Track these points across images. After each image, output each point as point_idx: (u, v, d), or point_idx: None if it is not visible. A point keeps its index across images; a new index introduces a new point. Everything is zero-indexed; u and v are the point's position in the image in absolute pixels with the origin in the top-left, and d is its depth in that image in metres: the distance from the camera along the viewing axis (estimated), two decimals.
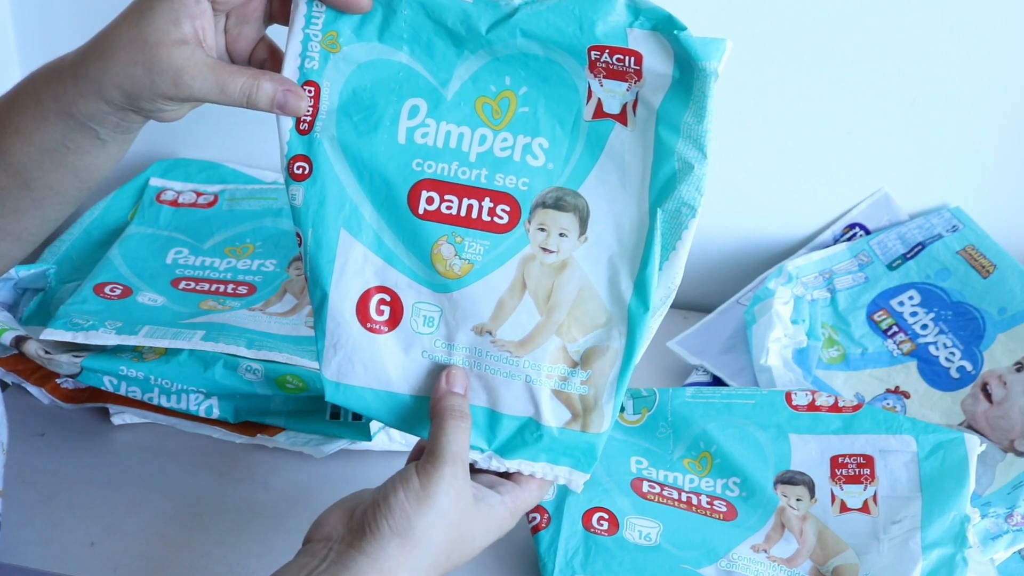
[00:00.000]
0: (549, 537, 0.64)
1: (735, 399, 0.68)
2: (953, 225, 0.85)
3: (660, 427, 0.69)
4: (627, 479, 0.67)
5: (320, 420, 0.72)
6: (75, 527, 0.67)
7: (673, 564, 0.63)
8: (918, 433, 0.66)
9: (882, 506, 0.65)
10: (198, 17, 0.52)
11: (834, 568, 0.64)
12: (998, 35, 0.81)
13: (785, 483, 0.67)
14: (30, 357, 0.72)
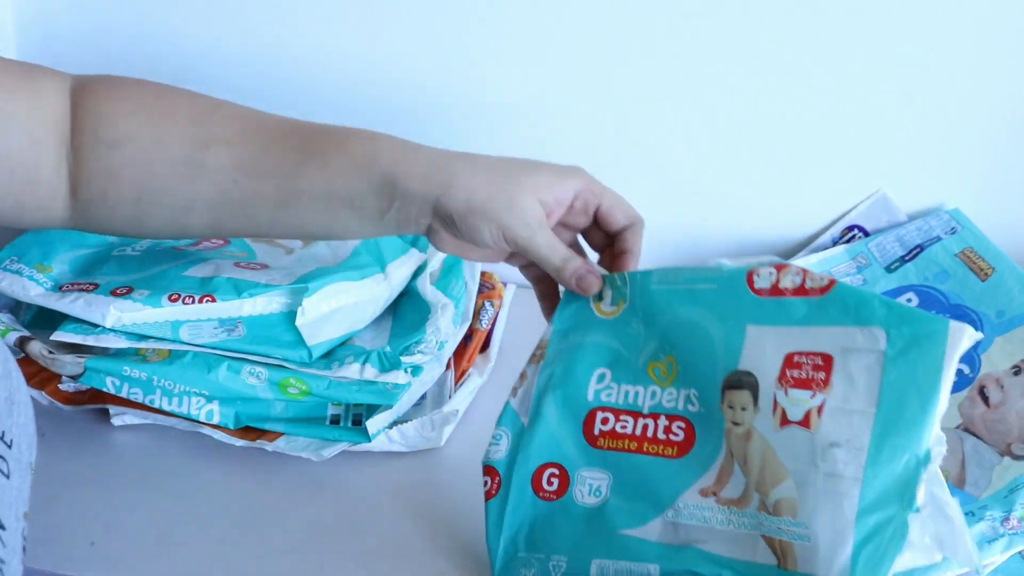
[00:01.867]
0: (497, 508, 0.61)
1: (698, 283, 0.60)
2: (952, 227, 0.85)
3: (632, 322, 0.62)
4: (581, 415, 0.61)
5: (320, 425, 0.72)
6: (75, 527, 0.67)
7: (612, 530, 0.59)
8: (891, 325, 0.53)
9: (826, 420, 0.53)
10: (557, 204, 0.60)
11: (776, 501, 0.54)
12: (996, 36, 0.81)
13: (731, 388, 0.57)
14: (33, 358, 0.72)
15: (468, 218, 0.58)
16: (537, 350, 0.63)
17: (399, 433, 0.73)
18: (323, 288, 0.73)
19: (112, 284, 0.74)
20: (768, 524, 0.55)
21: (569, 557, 0.59)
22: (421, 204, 0.58)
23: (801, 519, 0.53)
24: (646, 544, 0.58)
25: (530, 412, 0.62)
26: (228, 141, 0.60)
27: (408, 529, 0.69)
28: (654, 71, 0.85)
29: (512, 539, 0.61)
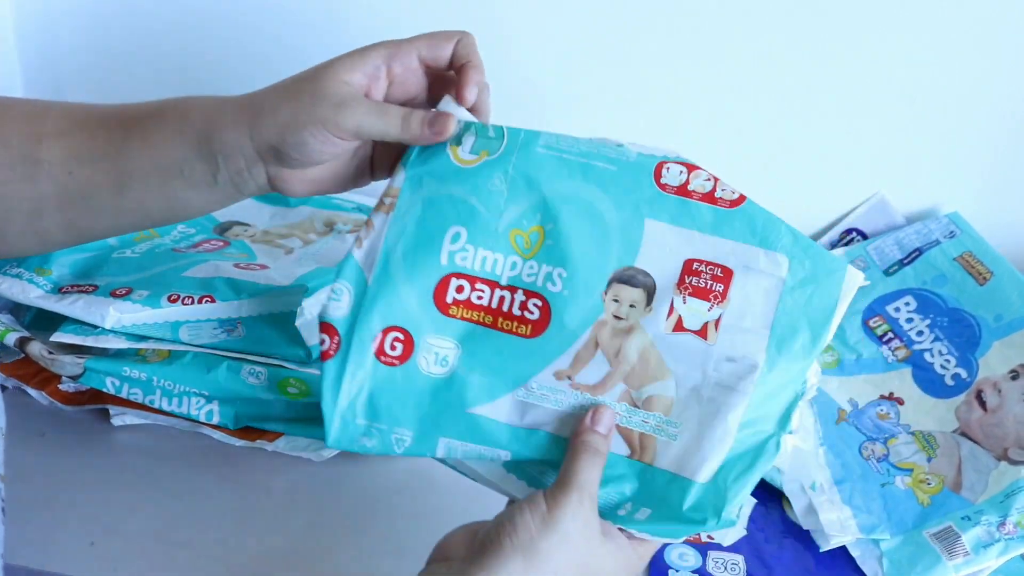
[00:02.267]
0: (335, 369, 0.56)
1: (595, 159, 0.55)
2: (951, 231, 0.85)
3: (495, 178, 0.56)
4: (433, 280, 0.56)
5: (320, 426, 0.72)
6: (75, 527, 0.67)
7: (460, 406, 0.56)
8: (794, 255, 0.54)
9: (722, 334, 0.54)
10: (373, 79, 0.55)
11: (648, 397, 0.55)
12: (995, 38, 0.81)
13: (623, 283, 0.55)
14: (33, 358, 0.72)
15: (287, 136, 0.54)
16: (387, 198, 0.56)
17: None
18: (323, 288, 0.73)
19: (111, 285, 0.74)
20: (628, 415, 0.55)
21: (414, 432, 0.56)
22: (242, 150, 0.55)
23: (674, 417, 0.55)
24: (495, 425, 0.56)
25: (375, 268, 0.56)
26: (60, 133, 0.58)
27: (408, 529, 0.69)
28: (652, 72, 0.85)
29: (350, 404, 0.56)
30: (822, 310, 0.55)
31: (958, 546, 0.66)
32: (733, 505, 0.54)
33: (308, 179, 0.58)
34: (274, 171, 0.57)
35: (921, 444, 0.74)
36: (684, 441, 0.54)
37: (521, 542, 0.49)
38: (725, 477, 0.54)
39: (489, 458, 0.56)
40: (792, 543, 0.70)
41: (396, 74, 0.56)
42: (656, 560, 0.68)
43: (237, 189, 0.58)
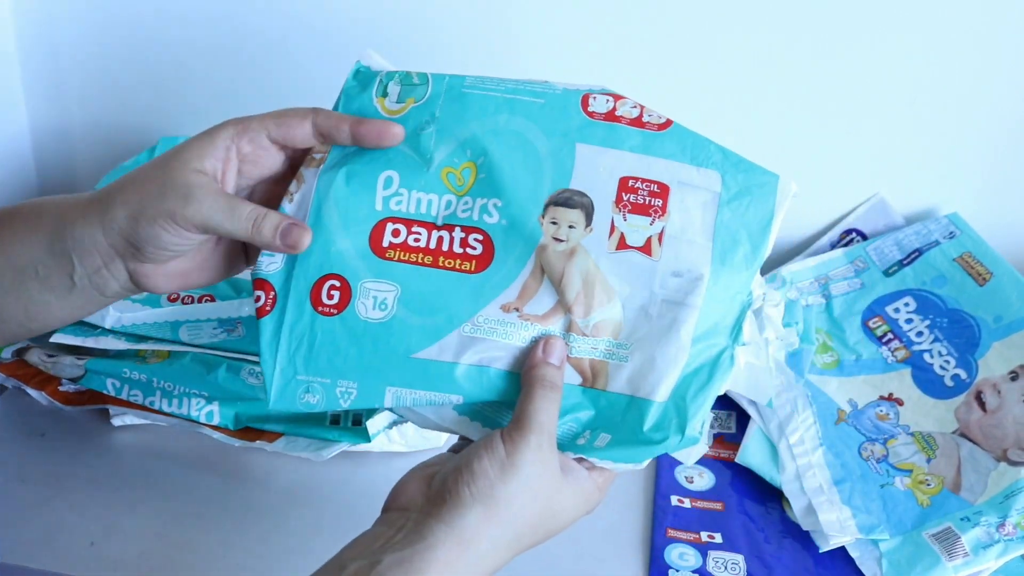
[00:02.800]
0: (272, 326, 0.55)
1: (521, 95, 0.56)
2: (950, 232, 0.85)
3: (424, 121, 0.56)
4: (368, 225, 0.55)
5: (320, 426, 0.72)
6: (75, 527, 0.67)
7: (404, 352, 0.54)
8: (726, 170, 0.55)
9: (666, 248, 0.54)
10: (223, 162, 0.54)
11: (596, 323, 0.54)
12: (995, 39, 0.81)
13: (559, 205, 0.55)
14: (33, 365, 0.72)
15: (138, 229, 0.52)
16: (316, 154, 0.56)
17: (399, 433, 0.73)
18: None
19: None
20: (577, 344, 0.55)
21: (359, 384, 0.54)
22: (96, 245, 0.53)
23: (624, 340, 0.55)
24: (443, 367, 0.54)
25: (308, 220, 0.55)
26: None
27: None
28: (651, 72, 0.85)
29: (290, 360, 0.55)
30: (759, 221, 0.55)
31: (957, 547, 0.66)
32: (695, 421, 0.54)
33: (173, 273, 0.56)
34: (133, 267, 0.54)
35: (920, 445, 0.75)
36: (637, 362, 0.54)
37: (480, 490, 0.49)
38: (684, 393, 0.54)
39: (440, 403, 0.55)
40: (792, 543, 0.70)
41: (246, 153, 0.55)
42: (656, 560, 0.68)
43: (98, 291, 0.55)
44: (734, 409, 0.80)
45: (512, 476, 0.49)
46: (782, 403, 0.75)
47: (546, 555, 0.68)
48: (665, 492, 0.73)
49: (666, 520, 0.71)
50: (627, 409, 0.54)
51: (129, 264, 0.54)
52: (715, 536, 0.70)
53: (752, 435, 0.75)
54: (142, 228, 0.52)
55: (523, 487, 0.49)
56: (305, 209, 0.55)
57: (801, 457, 0.72)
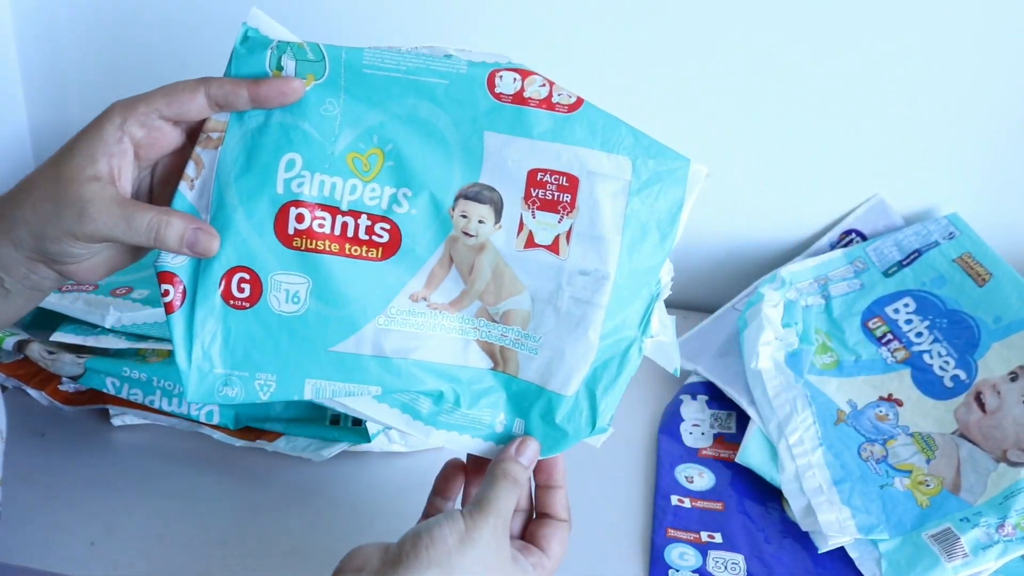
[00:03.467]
0: (185, 321, 0.54)
1: (424, 75, 0.53)
2: (950, 232, 0.85)
3: (327, 103, 0.53)
4: (271, 211, 0.54)
5: (320, 426, 0.72)
6: (75, 527, 0.67)
7: (321, 345, 0.54)
8: (637, 155, 0.54)
9: (574, 246, 0.54)
10: (116, 156, 0.52)
11: (505, 311, 0.55)
12: (995, 40, 0.81)
13: (469, 199, 0.54)
14: (33, 360, 0.72)
15: (45, 247, 0.51)
16: (212, 132, 0.53)
17: (399, 433, 0.73)
18: None
19: (111, 284, 0.74)
20: (487, 329, 0.56)
21: (277, 376, 0.54)
22: (14, 260, 0.53)
23: (532, 331, 0.55)
24: (360, 360, 0.55)
25: (211, 208, 0.53)
26: None
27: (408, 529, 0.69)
28: (651, 72, 0.85)
29: (205, 355, 0.54)
30: (669, 209, 0.55)
31: (957, 548, 0.66)
32: (605, 414, 0.56)
33: (98, 265, 0.55)
34: (58, 268, 0.54)
35: (920, 446, 0.75)
36: (546, 356, 0.55)
37: (438, 555, 0.50)
38: (594, 388, 0.56)
39: (359, 394, 0.55)
40: (792, 543, 0.70)
41: (139, 138, 0.52)
42: (656, 560, 0.68)
43: (35, 289, 0.55)
44: (734, 409, 0.80)
45: (469, 548, 0.51)
46: (781, 403, 0.75)
47: None
48: (665, 492, 0.73)
49: (666, 520, 0.71)
50: (538, 398, 0.56)
51: (52, 267, 0.53)
52: (715, 536, 0.70)
53: (752, 435, 0.75)
54: (47, 246, 0.52)
55: (477, 561, 0.51)
56: (207, 197, 0.53)
57: (800, 457, 0.72)
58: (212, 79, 0.53)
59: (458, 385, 0.56)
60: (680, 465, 0.76)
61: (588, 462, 0.76)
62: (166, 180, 0.55)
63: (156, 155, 0.54)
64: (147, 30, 0.91)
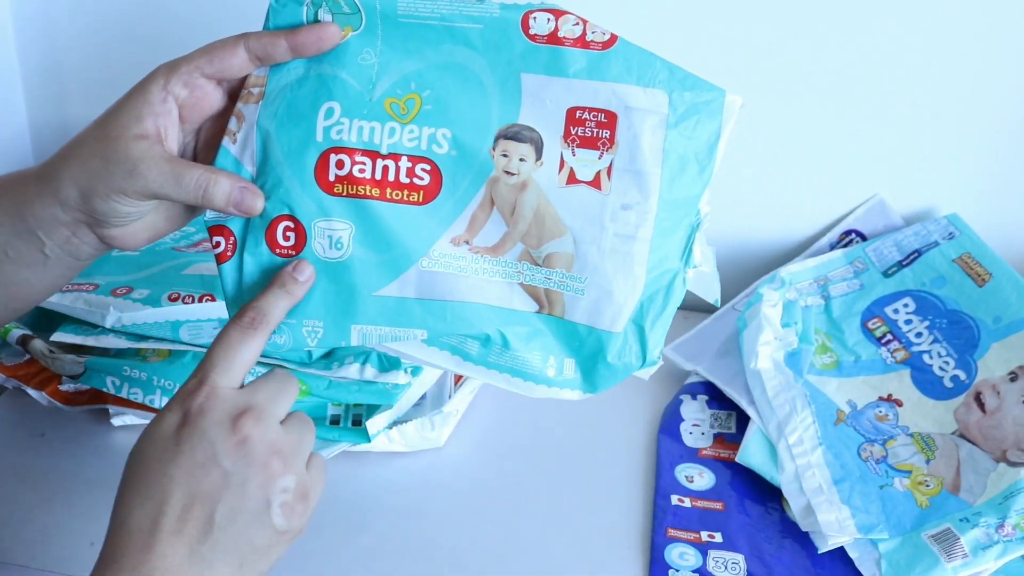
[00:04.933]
0: (235, 271, 0.55)
1: (460, 21, 0.53)
2: (950, 232, 0.85)
3: (364, 52, 0.54)
4: (312, 159, 0.54)
5: (320, 426, 0.72)
6: (75, 527, 0.67)
7: (366, 290, 0.55)
8: (672, 89, 0.54)
9: (615, 181, 0.54)
10: (162, 116, 0.52)
11: (548, 254, 0.55)
12: (995, 41, 0.81)
13: (509, 139, 0.55)
14: (35, 356, 0.72)
15: (93, 206, 0.52)
16: (253, 88, 0.54)
17: (399, 433, 0.73)
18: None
19: (112, 284, 0.74)
20: (530, 273, 0.56)
21: (325, 322, 0.55)
22: (59, 220, 0.53)
23: (577, 273, 0.56)
24: (405, 303, 0.55)
25: (256, 159, 0.54)
26: None
27: (408, 529, 0.69)
28: None
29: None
30: (707, 140, 0.55)
31: (956, 548, 0.66)
32: (655, 348, 0.57)
33: (140, 229, 0.55)
34: (101, 232, 0.54)
35: (920, 446, 0.75)
36: (593, 295, 0.56)
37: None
38: (642, 322, 0.56)
39: (406, 338, 0.56)
40: (792, 543, 0.70)
41: (183, 98, 0.53)
42: (656, 560, 0.68)
43: (74, 257, 0.55)
44: (734, 409, 0.80)
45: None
46: (781, 403, 0.75)
47: (546, 554, 0.68)
48: (665, 492, 0.73)
49: (666, 520, 0.71)
50: (587, 337, 0.56)
51: (96, 230, 0.54)
52: (715, 536, 0.70)
53: (752, 435, 0.75)
54: (96, 204, 0.52)
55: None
56: (251, 149, 0.54)
57: (800, 457, 0.73)
58: (250, 33, 0.53)
59: (505, 327, 0.56)
60: (680, 465, 0.76)
61: (588, 462, 0.76)
62: (210, 144, 0.55)
63: (199, 117, 0.54)
64: (147, 30, 0.91)
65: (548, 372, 0.57)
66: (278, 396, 0.50)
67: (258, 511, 0.48)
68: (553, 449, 0.77)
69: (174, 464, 0.48)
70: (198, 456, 0.47)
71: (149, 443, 0.49)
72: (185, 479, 0.47)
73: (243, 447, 0.48)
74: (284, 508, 0.49)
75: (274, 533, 0.48)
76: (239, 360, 0.50)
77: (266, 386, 0.50)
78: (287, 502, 0.49)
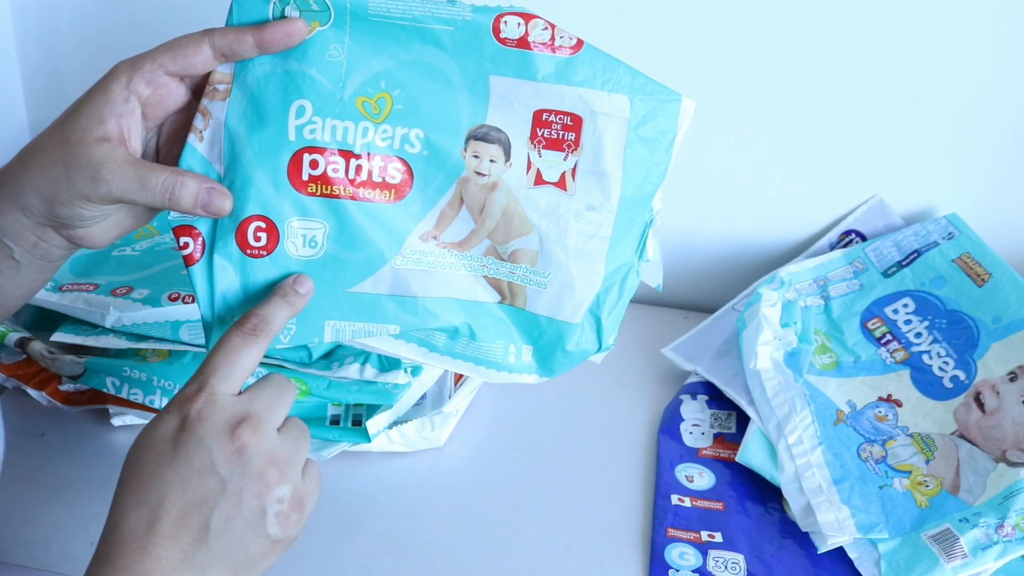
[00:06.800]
0: (205, 273, 0.54)
1: (431, 23, 0.53)
2: (949, 232, 0.85)
3: (332, 48, 0.53)
4: (284, 159, 0.54)
5: (320, 426, 0.72)
6: (75, 527, 0.67)
7: (339, 286, 0.56)
8: (634, 93, 0.56)
9: (580, 182, 0.57)
10: (124, 116, 0.51)
11: (513, 250, 0.58)
12: (995, 41, 0.81)
13: (479, 140, 0.56)
14: (34, 358, 0.72)
15: (56, 211, 0.51)
16: (219, 84, 0.53)
17: (399, 433, 0.73)
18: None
19: (112, 284, 0.74)
20: (495, 267, 0.58)
21: (298, 320, 0.56)
22: (24, 226, 0.52)
23: (541, 268, 0.58)
24: (378, 299, 0.57)
25: (224, 158, 0.54)
26: None
27: (408, 529, 0.69)
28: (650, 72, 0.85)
29: (226, 306, 0.55)
30: (663, 143, 0.57)
31: (956, 548, 0.66)
32: (609, 335, 0.60)
33: (106, 228, 0.54)
34: (67, 233, 0.53)
35: (919, 446, 0.75)
36: (555, 290, 0.58)
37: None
38: (598, 313, 0.59)
39: (378, 334, 0.57)
40: (792, 543, 0.70)
41: (146, 96, 0.51)
42: (656, 559, 0.68)
43: (45, 260, 0.54)
44: (734, 409, 0.80)
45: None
46: (780, 403, 0.75)
47: (546, 554, 0.68)
48: (665, 491, 0.73)
49: (666, 519, 0.71)
50: (547, 328, 0.59)
51: (62, 232, 0.53)
52: (715, 535, 0.70)
53: (752, 435, 0.75)
54: (59, 210, 0.51)
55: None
56: (218, 147, 0.54)
57: (800, 457, 0.73)
58: (215, 30, 0.52)
59: (471, 319, 0.59)
60: (680, 465, 0.76)
61: (588, 462, 0.76)
62: (173, 139, 0.55)
63: (163, 114, 0.53)
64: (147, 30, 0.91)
65: (509, 359, 0.60)
66: (275, 403, 0.50)
67: (253, 520, 0.48)
68: (553, 449, 0.77)
69: (171, 469, 0.48)
70: (195, 463, 0.47)
71: (146, 446, 0.49)
72: (181, 485, 0.47)
73: (240, 456, 0.48)
74: (279, 517, 0.49)
75: (269, 542, 0.49)
76: (239, 366, 0.50)
77: (264, 393, 0.50)
78: (282, 511, 0.49)
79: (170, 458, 0.48)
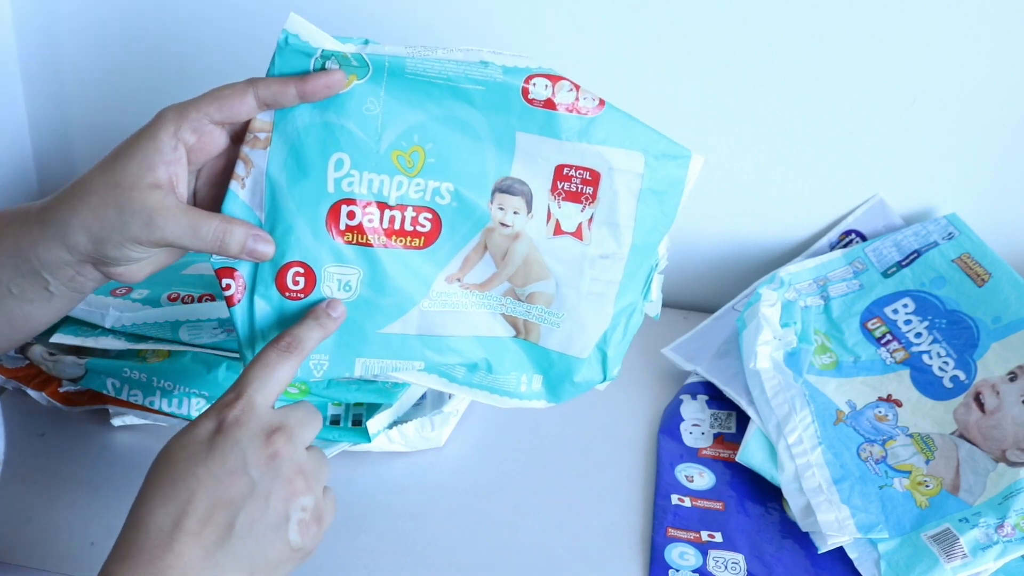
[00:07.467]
0: (246, 314, 0.57)
1: (462, 82, 0.56)
2: (949, 232, 0.85)
3: (368, 102, 0.56)
4: (323, 210, 0.57)
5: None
6: (75, 527, 0.67)
7: (372, 327, 0.59)
8: (648, 150, 0.59)
9: (595, 232, 0.60)
10: (173, 164, 0.53)
11: (530, 293, 0.62)
12: (995, 41, 0.81)
13: (504, 192, 0.59)
14: (34, 362, 0.72)
15: (105, 251, 0.53)
16: (259, 133, 0.55)
17: (399, 433, 0.73)
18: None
19: (111, 284, 0.74)
20: (512, 307, 0.62)
21: (331, 356, 0.59)
22: (64, 261, 0.54)
23: (555, 309, 0.62)
24: (406, 339, 0.61)
25: (265, 206, 0.56)
26: None
27: (408, 529, 0.69)
28: (650, 72, 0.85)
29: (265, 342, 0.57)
30: (672, 196, 0.61)
31: (956, 548, 0.66)
32: (614, 367, 0.64)
33: (146, 266, 0.56)
34: (106, 270, 0.55)
35: (919, 446, 0.75)
36: (567, 329, 0.63)
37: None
38: (605, 348, 0.64)
39: (405, 370, 0.62)
40: (792, 543, 0.70)
41: (191, 144, 0.54)
42: (656, 559, 0.68)
43: (77, 292, 0.56)
44: (734, 409, 0.80)
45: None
46: (780, 403, 0.75)
47: (546, 554, 0.68)
48: (665, 491, 0.73)
49: (666, 519, 0.71)
50: (558, 361, 0.64)
51: (101, 268, 0.55)
52: (715, 535, 0.70)
53: (752, 435, 0.75)
54: (108, 251, 0.53)
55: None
56: (260, 195, 0.56)
57: (800, 457, 0.73)
58: (259, 80, 0.54)
59: (489, 355, 0.63)
60: (680, 464, 0.76)
61: (588, 462, 0.76)
62: (211, 182, 0.57)
63: (204, 159, 0.55)
64: (147, 30, 0.91)
65: (521, 388, 0.64)
66: (307, 423, 0.53)
67: (276, 524, 0.49)
68: (553, 449, 0.77)
69: (203, 468, 0.49)
70: (229, 463, 0.49)
71: (180, 446, 0.50)
72: (212, 483, 0.49)
73: (273, 461, 0.49)
74: (301, 525, 0.50)
75: (288, 549, 0.50)
76: (275, 379, 0.52)
77: (297, 411, 0.53)
78: (304, 520, 0.50)
79: (204, 458, 0.49)
